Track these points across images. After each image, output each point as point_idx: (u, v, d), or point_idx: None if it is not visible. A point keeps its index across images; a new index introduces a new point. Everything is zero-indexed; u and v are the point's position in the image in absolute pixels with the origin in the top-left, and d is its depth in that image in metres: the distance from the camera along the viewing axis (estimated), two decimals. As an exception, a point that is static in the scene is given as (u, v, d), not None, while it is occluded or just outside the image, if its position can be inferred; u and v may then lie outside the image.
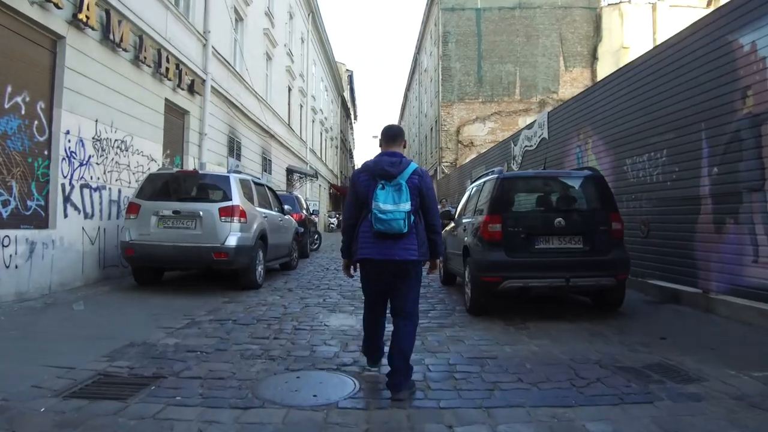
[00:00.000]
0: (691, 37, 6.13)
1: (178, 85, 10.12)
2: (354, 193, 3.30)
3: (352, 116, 60.27)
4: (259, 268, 7.56)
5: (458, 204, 8.01)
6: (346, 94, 48.31)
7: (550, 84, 31.23)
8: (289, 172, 21.62)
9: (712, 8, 17.17)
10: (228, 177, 7.19)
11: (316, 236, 15.29)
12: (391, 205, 3.00)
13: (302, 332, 4.84)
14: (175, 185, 7.25)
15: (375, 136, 43.79)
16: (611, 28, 31.44)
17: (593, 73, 31.27)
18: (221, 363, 3.82)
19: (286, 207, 9.65)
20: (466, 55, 31.40)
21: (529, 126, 12.45)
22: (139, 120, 8.77)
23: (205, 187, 7.26)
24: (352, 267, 3.48)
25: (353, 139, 65.65)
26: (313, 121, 29.09)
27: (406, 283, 3.22)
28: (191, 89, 10.80)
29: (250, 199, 7.64)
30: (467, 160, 30.26)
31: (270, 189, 9.21)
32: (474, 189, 6.91)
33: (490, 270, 5.29)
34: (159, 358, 3.94)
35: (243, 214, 7.01)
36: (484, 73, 31.24)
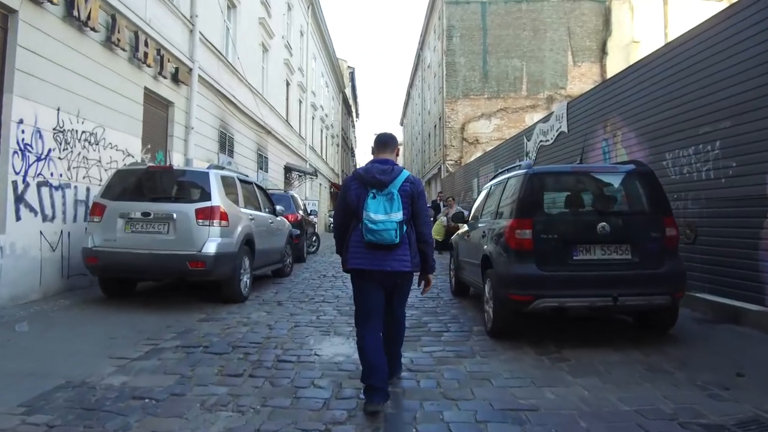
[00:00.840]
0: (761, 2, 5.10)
1: (160, 73, 9.16)
2: (344, 201, 3.18)
3: (354, 114, 59.29)
4: (245, 278, 6.61)
5: (473, 204, 7.01)
6: (348, 91, 47.34)
7: (558, 79, 30.25)
8: (288, 170, 20.67)
9: (726, 2, 16.21)
10: (207, 174, 6.22)
11: (314, 238, 14.34)
12: (383, 215, 2.91)
13: (286, 366, 3.87)
14: (146, 183, 6.29)
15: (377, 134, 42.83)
16: (621, 22, 30.44)
17: (602, 68, 30.29)
18: (172, 418, 2.87)
19: (279, 207, 8.68)
20: (471, 49, 30.43)
21: (545, 119, 11.46)
22: (112, 110, 7.81)
23: (181, 185, 6.29)
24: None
25: (355, 137, 64.69)
26: (313, 118, 28.13)
27: (399, 293, 3.25)
28: (175, 78, 9.85)
29: (235, 199, 6.69)
30: (472, 158, 29.31)
31: (259, 188, 8.25)
32: (493, 186, 5.94)
33: (519, 286, 4.32)
34: (92, 409, 2.99)
35: (224, 216, 6.05)
36: (489, 69, 30.26)
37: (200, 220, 5.89)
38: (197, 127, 10.94)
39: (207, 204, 5.95)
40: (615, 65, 30.59)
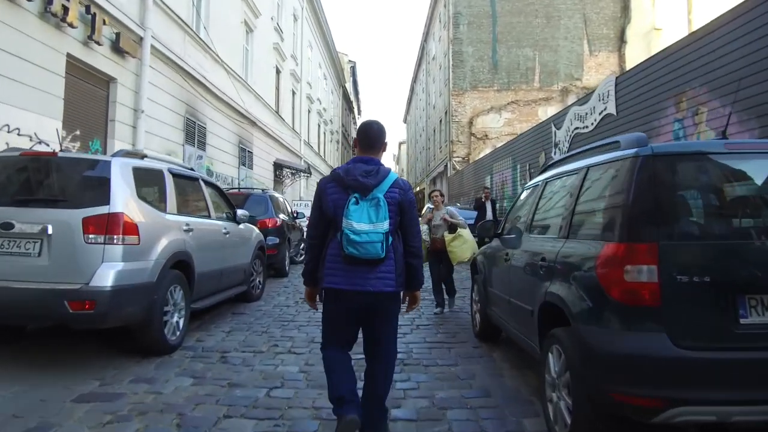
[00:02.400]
0: None
1: (91, 38, 7.05)
2: (320, 207, 2.57)
3: (356, 110, 57.15)
4: (174, 318, 4.49)
5: (510, 208, 4.83)
6: (349, 86, 45.20)
7: (573, 70, 28.10)
8: (278, 166, 18.56)
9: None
10: (108, 164, 4.08)
11: (302, 246, 12.22)
12: (367, 225, 2.38)
13: None
14: (15, 178, 4.16)
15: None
16: (641, 8, 28.27)
17: (621, 57, 28.13)
18: None
19: (241, 212, 6.54)
20: (480, 38, 28.30)
21: (581, 101, 9.32)
22: (11, 80, 5.72)
23: (66, 181, 4.13)
24: (317, 296, 2.74)
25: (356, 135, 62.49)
26: (309, 111, 26.02)
27: (382, 319, 2.62)
28: (117, 47, 7.74)
29: (158, 202, 4.57)
30: (480, 154, 27.14)
31: (211, 185, 6.11)
32: (549, 182, 3.75)
33: (635, 379, 2.18)
34: None
35: (131, 227, 3.93)
36: (499, 59, 28.15)
37: (90, 235, 3.77)
38: (151, 111, 8.84)
39: (102, 210, 3.83)
40: (635, 55, 28.42)
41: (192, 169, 5.66)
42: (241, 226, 6.53)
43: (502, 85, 28.03)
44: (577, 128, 9.24)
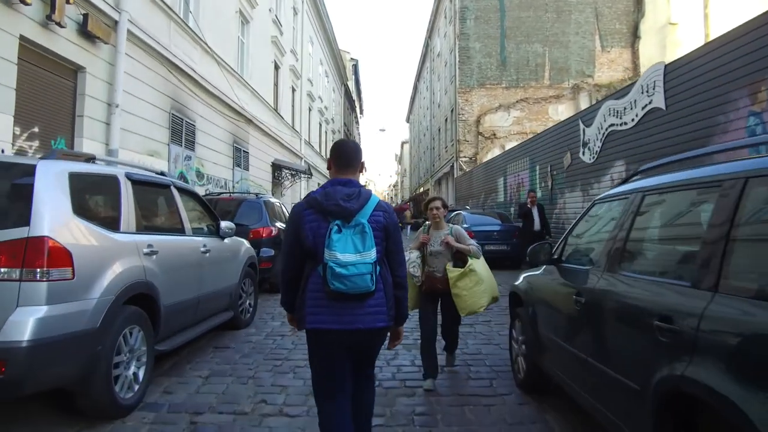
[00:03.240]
0: None
1: (51, 18, 5.97)
2: (296, 237, 2.25)
3: (358, 110, 56.08)
4: (131, 370, 3.42)
5: (572, 227, 3.70)
6: (351, 85, 44.13)
7: (584, 67, 27.02)
8: (277, 167, 17.50)
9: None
10: (32, 168, 2.99)
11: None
12: (353, 255, 2.11)
13: None
14: None
15: (382, 129, 39.65)
16: (655, 2, 27.15)
17: (635, 53, 27.07)
18: None
19: (226, 224, 5.45)
20: (487, 33, 27.23)
21: (618, 94, 8.22)
22: (-60, 64, 4.66)
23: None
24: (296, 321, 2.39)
25: (359, 133, 61.47)
26: (310, 110, 24.95)
27: (369, 352, 2.46)
28: (85, 31, 6.67)
29: (107, 218, 3.49)
30: (488, 154, 26.06)
31: (186, 193, 5.01)
32: (652, 194, 2.56)
33: None
34: None
35: (61, 256, 2.86)
36: (507, 55, 27.07)
37: (2, 269, 2.71)
38: (129, 106, 7.78)
39: (18, 234, 2.76)
40: (649, 51, 27.34)
41: (163, 174, 4.58)
42: (227, 240, 5.45)
43: (510, 82, 26.97)
44: (612, 125, 8.17)
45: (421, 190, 47.03)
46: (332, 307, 2.19)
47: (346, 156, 2.35)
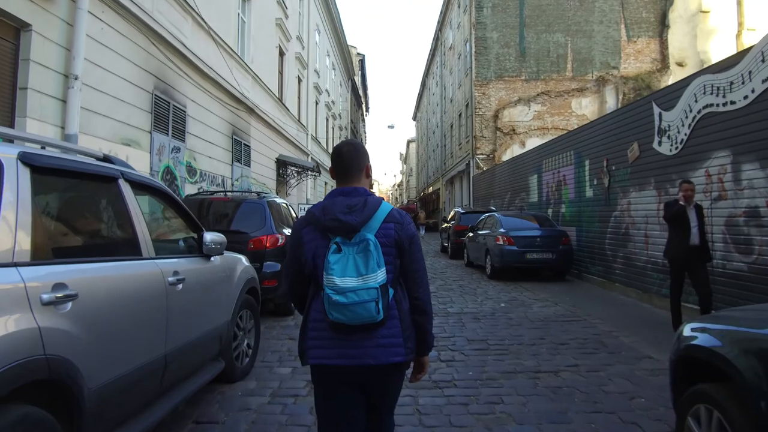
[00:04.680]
0: None
1: (-28, -54, 4.28)
2: (296, 259, 1.92)
3: (364, 107, 54.36)
4: None
5: None
6: (357, 80, 42.41)
7: (609, 58, 25.31)
8: (282, 164, 15.79)
9: None
10: None
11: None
12: (354, 279, 1.74)
13: None
14: None
15: (391, 126, 37.92)
16: (685, -11, 25.40)
17: (663, 43, 25.28)
18: None
19: (211, 237, 3.68)
20: (506, 22, 25.53)
21: (718, 67, 6.46)
22: None
23: None
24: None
25: (365, 132, 59.75)
26: (317, 103, 23.24)
27: (389, 395, 2.00)
28: (30, -26, 4.97)
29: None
30: (507, 151, 24.29)
31: (153, 191, 3.26)
32: None
33: None
34: None
35: None
36: (527, 45, 25.37)
37: None
38: (95, 80, 6.09)
39: None
40: (679, 41, 25.56)
41: (107, 159, 2.87)
42: (215, 259, 3.73)
43: (530, 74, 25.27)
44: (709, 106, 6.43)
45: (430, 190, 45.27)
46: (336, 339, 1.82)
47: (344, 161, 1.96)
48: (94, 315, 2.21)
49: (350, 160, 1.97)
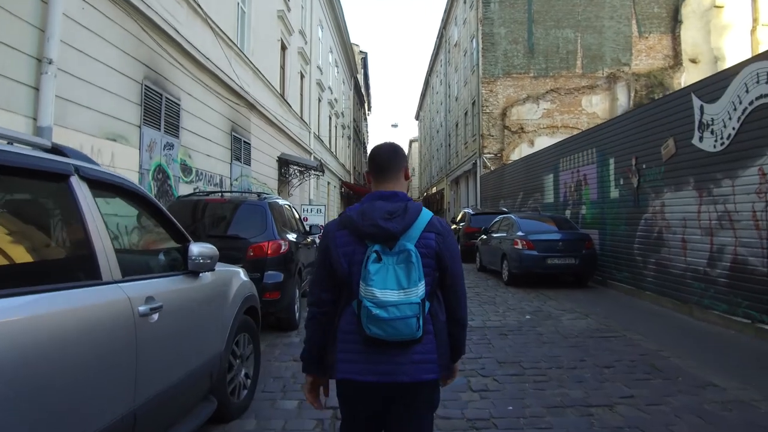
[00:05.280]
0: None
1: None
2: (328, 264, 1.76)
3: (366, 106, 53.66)
4: None
5: None
6: (360, 78, 41.70)
7: (620, 54, 24.62)
8: (284, 162, 15.09)
9: None
10: None
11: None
12: (396, 292, 1.61)
13: None
14: None
15: (394, 125, 37.24)
16: (698, -17, 24.69)
17: (675, 39, 24.58)
18: None
19: (199, 250, 2.96)
20: (513, 18, 24.84)
21: (774, 51, 5.76)
22: None
23: None
24: (322, 388, 1.95)
25: (367, 131, 59.06)
26: (320, 100, 22.54)
27: (415, 413, 1.78)
28: (-7, -61, 4.27)
29: None
30: (516, 150, 23.54)
31: (112, 187, 2.54)
32: None
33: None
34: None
35: None
36: (536, 41, 24.70)
37: None
38: (73, 66, 5.39)
39: None
40: (692, 36, 24.82)
41: (56, 150, 2.17)
42: (205, 276, 3.02)
43: (539, 71, 24.60)
44: (764, 96, 5.74)
45: (434, 190, 44.58)
46: (368, 354, 1.69)
47: (382, 162, 1.83)
48: (15, 371, 1.51)
49: (389, 160, 1.84)
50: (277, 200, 6.58)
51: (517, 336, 5.90)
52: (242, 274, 3.87)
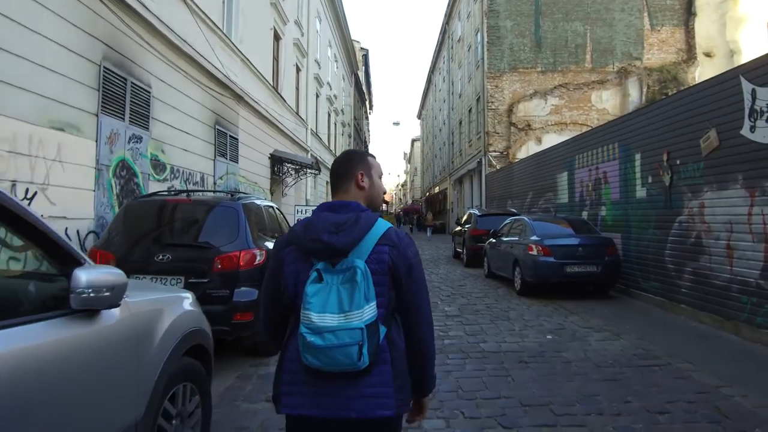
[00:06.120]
0: None
1: None
2: (275, 283, 1.62)
3: (368, 104, 52.67)
4: None
5: None
6: (361, 75, 40.72)
7: (631, 48, 23.63)
8: (277, 160, 14.11)
9: None
10: None
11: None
12: (335, 316, 1.44)
13: None
14: None
15: (396, 123, 36.24)
16: (713, -26, 23.67)
17: (689, 32, 23.57)
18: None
19: (92, 275, 2.01)
20: (520, 10, 23.86)
21: None
22: None
23: None
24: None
25: (368, 130, 58.07)
26: (318, 96, 21.56)
27: None
28: None
29: None
30: (523, 148, 22.51)
31: None
32: None
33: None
34: None
35: None
36: (543, 34, 23.72)
37: None
38: (2, 38, 4.42)
39: None
40: (706, 29, 23.78)
41: None
42: (108, 315, 2.04)
43: (546, 65, 23.63)
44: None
45: (436, 190, 43.55)
46: (314, 386, 1.51)
47: (332, 171, 1.73)
48: None
49: (338, 169, 1.70)
50: (254, 201, 5.59)
51: (541, 364, 4.90)
52: (187, 301, 2.91)
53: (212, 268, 4.55)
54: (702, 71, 22.50)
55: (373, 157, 1.78)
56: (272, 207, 6.32)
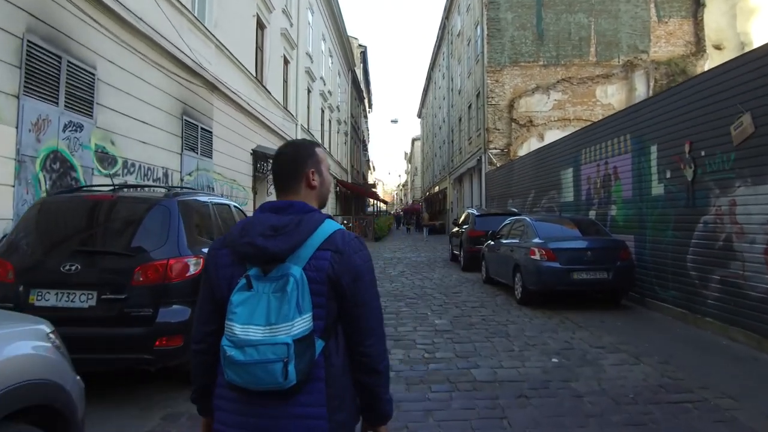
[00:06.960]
0: None
1: None
2: (208, 286, 1.45)
3: (366, 103, 51.73)
4: None
5: None
6: (359, 73, 39.78)
7: (637, 40, 22.65)
8: (261, 156, 13.16)
9: None
10: None
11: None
12: (260, 328, 1.27)
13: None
14: None
15: (394, 120, 35.29)
16: (723, -36, 22.72)
17: (697, 24, 22.58)
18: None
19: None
20: (521, 2, 22.93)
21: None
22: None
23: None
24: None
25: (367, 129, 57.13)
26: (310, 91, 20.61)
27: None
28: None
29: None
30: (525, 145, 21.54)
31: None
32: None
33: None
34: None
35: None
36: (546, 27, 22.77)
37: None
38: None
39: None
40: (716, 21, 22.80)
41: None
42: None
43: (549, 59, 22.68)
44: None
45: (436, 189, 42.60)
46: (242, 403, 1.34)
47: (276, 167, 1.51)
48: None
49: (284, 163, 1.50)
50: (198, 198, 4.65)
51: (545, 399, 3.95)
52: (29, 340, 1.96)
53: (131, 280, 3.61)
54: (711, 65, 21.48)
55: (321, 146, 1.57)
56: (229, 205, 5.38)
